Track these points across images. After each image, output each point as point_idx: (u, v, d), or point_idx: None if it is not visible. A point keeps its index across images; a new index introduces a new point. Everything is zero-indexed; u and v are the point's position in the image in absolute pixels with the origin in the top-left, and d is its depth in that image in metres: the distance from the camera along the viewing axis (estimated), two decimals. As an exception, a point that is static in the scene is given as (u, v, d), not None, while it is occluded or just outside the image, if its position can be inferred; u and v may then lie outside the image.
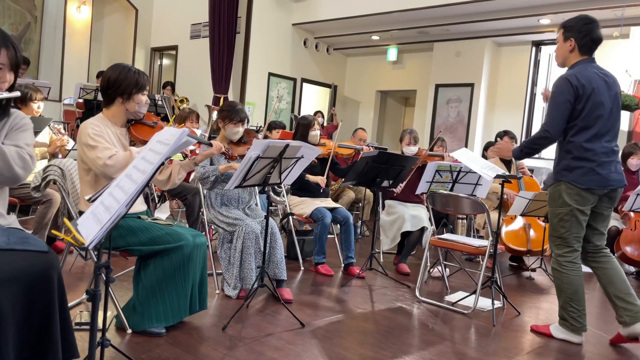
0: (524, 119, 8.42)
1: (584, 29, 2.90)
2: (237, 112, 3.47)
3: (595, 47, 2.96)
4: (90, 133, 2.49)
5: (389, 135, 11.14)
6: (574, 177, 2.91)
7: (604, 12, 6.59)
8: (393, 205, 4.65)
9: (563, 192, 2.94)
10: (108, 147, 2.48)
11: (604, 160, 2.90)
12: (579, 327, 3.01)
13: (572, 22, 2.97)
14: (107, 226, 1.61)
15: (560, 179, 2.97)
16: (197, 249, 2.70)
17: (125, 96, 2.60)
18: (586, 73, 2.89)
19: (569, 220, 2.95)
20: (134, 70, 2.63)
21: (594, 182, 2.89)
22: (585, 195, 2.91)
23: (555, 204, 3.00)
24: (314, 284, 3.88)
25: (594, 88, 2.86)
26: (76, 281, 3.42)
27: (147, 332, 2.60)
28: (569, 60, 3.00)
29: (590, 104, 2.86)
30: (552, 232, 3.06)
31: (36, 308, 1.75)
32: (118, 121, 2.67)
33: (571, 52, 2.97)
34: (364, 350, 2.70)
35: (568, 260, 2.99)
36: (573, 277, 2.98)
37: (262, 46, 8.99)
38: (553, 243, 3.07)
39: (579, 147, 2.90)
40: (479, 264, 4.89)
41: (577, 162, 2.91)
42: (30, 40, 8.97)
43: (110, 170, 2.43)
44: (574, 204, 2.92)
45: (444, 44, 8.95)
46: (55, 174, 2.78)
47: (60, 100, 8.96)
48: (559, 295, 3.05)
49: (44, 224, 3.73)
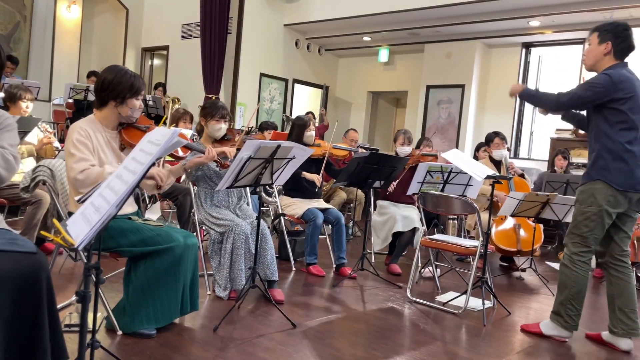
0: (514, 120, 8.48)
1: (622, 34, 2.91)
2: (218, 108, 3.47)
3: (629, 53, 2.97)
4: (75, 139, 2.46)
5: (381, 136, 11.17)
6: (612, 177, 2.87)
7: (593, 15, 6.66)
8: (384, 205, 4.66)
9: (596, 191, 2.90)
10: (85, 159, 2.44)
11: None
12: (572, 326, 3.03)
13: (609, 26, 2.95)
14: (97, 227, 1.60)
15: (597, 178, 2.91)
16: (188, 250, 2.69)
17: (118, 100, 2.56)
18: (626, 76, 2.88)
19: (595, 220, 2.92)
20: (130, 74, 2.59)
21: (631, 184, 2.87)
22: (619, 197, 2.88)
23: (585, 202, 2.95)
24: (305, 285, 3.88)
25: (636, 92, 2.86)
26: (66, 282, 3.40)
27: (137, 333, 2.58)
28: (601, 64, 2.97)
29: (632, 104, 2.86)
30: (573, 229, 3.02)
31: (25, 310, 1.73)
32: (109, 124, 2.64)
33: (605, 55, 2.95)
34: (355, 350, 2.70)
35: (582, 260, 2.98)
36: (582, 277, 2.98)
37: (254, 47, 8.98)
38: (570, 240, 3.03)
39: (620, 148, 2.87)
40: (469, 265, 4.91)
41: (616, 163, 2.87)
42: (20, 39, 8.90)
43: (78, 184, 2.41)
44: (606, 204, 2.89)
45: (434, 46, 8.99)
46: (45, 175, 2.76)
47: (49, 101, 8.89)
48: (561, 291, 3.03)
49: (33, 224, 3.70)
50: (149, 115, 7.28)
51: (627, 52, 2.95)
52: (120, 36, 10.32)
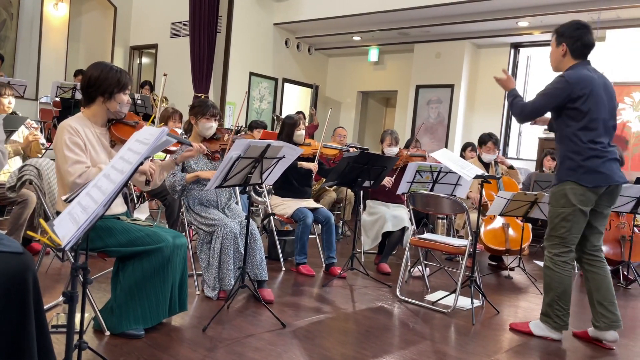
0: (502, 119, 8.54)
1: (575, 34, 2.97)
2: (209, 107, 3.46)
3: (588, 52, 3.02)
4: (67, 140, 2.43)
5: (370, 135, 11.19)
6: (579, 176, 2.93)
7: (580, 15, 6.71)
8: (374, 205, 4.67)
9: (568, 191, 2.96)
10: (80, 161, 2.42)
11: (607, 158, 2.95)
12: (562, 325, 3.05)
13: (564, 27, 3.03)
14: (84, 227, 1.58)
15: (566, 179, 2.98)
16: (177, 250, 2.67)
17: (106, 95, 2.54)
18: (583, 75, 2.93)
19: (571, 220, 2.97)
20: (116, 69, 2.57)
21: (599, 180, 2.92)
22: (589, 195, 2.94)
23: (558, 203, 3.01)
24: (295, 284, 3.88)
25: (592, 89, 2.91)
26: (53, 283, 3.36)
27: (125, 334, 2.56)
28: (562, 65, 3.06)
29: (591, 104, 2.91)
30: (551, 231, 3.06)
31: (11, 311, 1.71)
32: (98, 120, 2.61)
33: (564, 57, 3.04)
34: (345, 350, 2.70)
35: (563, 261, 3.02)
36: (565, 277, 3.01)
37: (243, 46, 8.95)
38: (550, 242, 3.07)
39: (584, 147, 2.93)
40: (458, 264, 4.94)
41: (583, 162, 2.93)
42: (6, 37, 8.79)
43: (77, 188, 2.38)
44: (579, 204, 2.94)
45: (424, 46, 9.03)
46: (31, 174, 2.73)
47: (36, 99, 8.80)
48: (547, 292, 3.07)
49: (19, 224, 3.66)
50: (137, 114, 7.24)
51: (584, 50, 3.00)
52: (108, 34, 10.24)
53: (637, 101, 6.74)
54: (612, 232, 4.83)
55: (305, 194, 4.41)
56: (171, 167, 2.87)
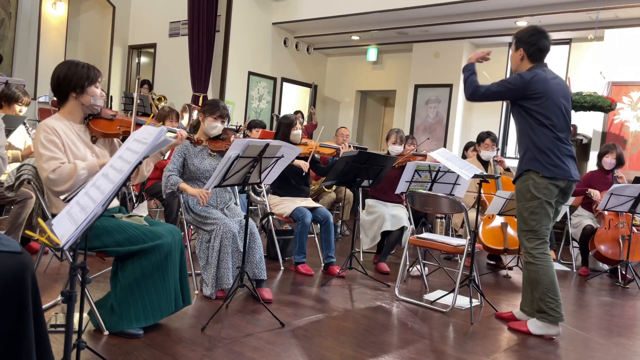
0: (501, 119, 8.54)
1: (530, 40, 3.15)
2: (219, 108, 3.49)
3: (544, 56, 3.19)
4: (42, 139, 2.44)
5: (369, 135, 11.19)
6: (541, 167, 3.07)
7: (579, 15, 6.73)
8: (373, 204, 4.67)
9: (531, 186, 3.09)
10: (54, 157, 2.43)
11: (566, 155, 3.10)
12: (558, 317, 3.09)
13: (521, 33, 3.21)
14: (83, 226, 1.58)
15: (527, 168, 3.11)
16: (175, 245, 2.67)
17: (78, 90, 2.55)
18: (537, 75, 3.09)
19: (539, 212, 3.10)
20: (82, 64, 2.59)
21: (557, 173, 3.06)
22: (550, 187, 3.07)
23: (525, 198, 3.14)
24: (293, 284, 3.88)
25: (546, 89, 3.07)
26: (51, 282, 3.36)
27: (125, 333, 2.56)
28: (521, 67, 3.22)
29: (547, 103, 3.07)
30: (522, 226, 3.18)
31: (9, 310, 1.71)
32: (76, 118, 2.62)
33: (522, 61, 3.20)
34: (343, 349, 2.71)
35: (541, 252, 3.12)
36: (547, 267, 3.11)
37: (242, 45, 8.95)
38: (525, 237, 3.18)
39: (544, 142, 3.07)
40: (457, 263, 4.94)
41: (542, 156, 3.07)
42: (5, 36, 8.78)
43: (51, 183, 2.40)
44: (543, 196, 3.08)
45: (423, 45, 9.03)
46: (30, 174, 2.72)
47: (35, 99, 8.78)
48: (535, 288, 3.13)
49: (17, 224, 3.65)
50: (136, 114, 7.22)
51: (540, 54, 3.17)
52: (106, 33, 10.22)
53: (635, 101, 6.75)
54: (611, 231, 4.83)
55: (303, 193, 4.41)
56: (157, 157, 2.87)
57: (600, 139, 6.90)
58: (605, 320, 3.63)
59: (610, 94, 6.76)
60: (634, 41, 6.76)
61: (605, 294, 4.36)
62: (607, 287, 4.63)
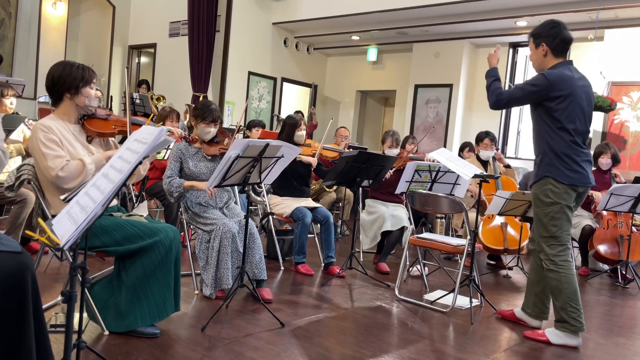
0: (501, 119, 8.54)
1: (551, 33, 3.00)
2: (210, 111, 3.42)
3: (567, 48, 3.05)
4: (42, 138, 2.43)
5: (369, 135, 11.19)
6: (558, 173, 2.95)
7: (579, 15, 6.73)
8: (373, 204, 4.67)
9: (549, 191, 2.97)
10: (59, 155, 2.42)
11: (583, 160, 2.99)
12: (579, 327, 2.97)
13: (539, 29, 3.07)
14: (83, 226, 1.58)
15: (544, 175, 3.00)
16: (174, 242, 2.65)
17: (72, 91, 2.55)
18: (563, 75, 2.95)
19: (560, 217, 2.98)
20: (77, 65, 2.59)
21: (575, 179, 2.95)
22: (569, 191, 2.97)
23: (544, 203, 3.01)
24: (294, 284, 3.88)
25: (572, 91, 2.93)
26: (51, 282, 3.36)
27: (137, 332, 2.56)
28: (545, 65, 3.07)
29: (569, 104, 2.93)
30: (543, 232, 3.04)
31: (9, 310, 1.71)
32: (70, 118, 2.62)
33: (545, 57, 3.05)
34: (343, 349, 2.71)
35: (563, 259, 2.99)
36: (570, 275, 2.97)
37: (242, 45, 8.95)
38: (545, 243, 3.03)
39: (561, 146, 2.95)
40: (457, 263, 4.94)
41: (560, 161, 2.95)
42: (5, 37, 8.78)
43: (63, 182, 2.39)
44: (563, 201, 2.97)
45: (423, 45, 9.03)
46: (30, 174, 2.72)
47: (35, 98, 8.79)
48: (557, 296, 3.00)
49: (17, 224, 3.65)
50: (136, 114, 7.23)
51: (564, 45, 3.02)
52: (106, 33, 10.22)
53: (635, 101, 6.75)
54: (610, 231, 4.83)
55: (303, 193, 4.41)
56: (153, 155, 2.87)
57: (600, 138, 6.90)
58: (605, 320, 3.63)
59: (610, 94, 6.76)
60: (634, 41, 6.76)
61: (605, 294, 4.36)
62: (607, 287, 4.64)
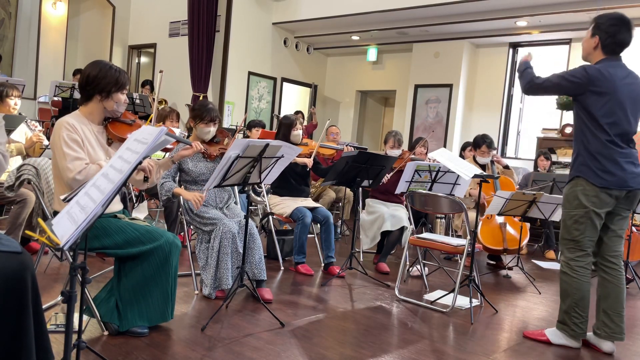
0: (501, 119, 8.54)
1: (610, 30, 2.81)
2: (208, 111, 3.41)
3: (620, 50, 2.86)
4: (65, 136, 2.42)
5: (369, 135, 11.18)
6: (591, 175, 2.80)
7: (579, 15, 6.73)
8: (373, 204, 4.67)
9: (579, 192, 2.84)
10: (79, 157, 2.41)
11: (623, 161, 2.80)
12: (579, 333, 2.93)
13: (602, 19, 2.86)
14: (83, 226, 1.58)
15: (576, 175, 2.86)
16: (175, 249, 2.66)
17: (104, 94, 2.54)
18: (605, 73, 2.79)
19: (584, 222, 2.85)
20: (115, 69, 2.57)
21: (609, 182, 2.78)
22: (602, 196, 2.80)
23: (571, 205, 2.89)
24: (293, 284, 3.88)
25: (614, 90, 2.77)
26: (51, 282, 3.36)
27: (129, 332, 2.57)
28: (592, 57, 2.91)
29: (609, 102, 2.77)
30: (565, 234, 2.94)
31: (9, 310, 1.71)
32: (95, 119, 2.61)
33: (595, 49, 2.89)
34: (343, 349, 2.71)
35: (580, 266, 2.89)
36: (583, 283, 2.89)
37: (242, 45, 8.95)
38: (565, 246, 2.94)
39: (597, 146, 2.80)
40: (457, 263, 4.94)
41: (594, 162, 2.81)
42: (5, 36, 8.78)
43: (77, 185, 2.38)
44: (591, 205, 2.81)
45: (423, 45, 9.02)
46: (30, 174, 2.73)
47: (35, 99, 8.79)
48: (564, 299, 2.94)
49: (17, 224, 3.65)
50: (136, 114, 7.23)
51: (616, 47, 2.84)
52: (106, 33, 10.22)
53: None
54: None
55: (303, 193, 4.41)
56: (168, 165, 2.88)
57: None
58: (605, 320, 3.63)
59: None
60: (634, 41, 6.75)
61: (605, 294, 4.36)
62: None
